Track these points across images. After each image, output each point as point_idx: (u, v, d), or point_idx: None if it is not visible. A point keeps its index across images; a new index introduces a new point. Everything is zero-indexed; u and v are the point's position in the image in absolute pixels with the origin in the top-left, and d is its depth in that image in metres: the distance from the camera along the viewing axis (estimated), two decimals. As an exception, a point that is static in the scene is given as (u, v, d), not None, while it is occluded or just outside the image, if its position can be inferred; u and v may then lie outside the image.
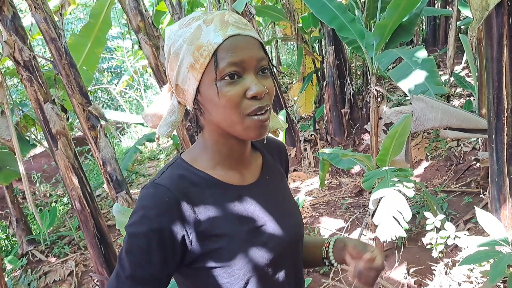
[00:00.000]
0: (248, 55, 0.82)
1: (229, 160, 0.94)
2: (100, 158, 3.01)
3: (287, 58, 12.43)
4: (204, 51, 0.81)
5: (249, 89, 0.82)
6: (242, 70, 0.82)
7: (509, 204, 2.44)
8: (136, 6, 3.66)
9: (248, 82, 0.82)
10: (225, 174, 0.93)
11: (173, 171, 0.91)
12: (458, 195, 3.92)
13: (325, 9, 4.31)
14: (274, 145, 1.12)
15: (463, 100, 5.53)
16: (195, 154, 0.94)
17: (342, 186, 4.93)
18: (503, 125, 2.35)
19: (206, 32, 0.82)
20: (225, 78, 0.81)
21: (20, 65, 2.69)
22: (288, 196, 1.07)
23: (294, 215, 1.03)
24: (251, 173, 0.98)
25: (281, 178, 1.08)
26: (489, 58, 2.34)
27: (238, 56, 0.81)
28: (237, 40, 0.81)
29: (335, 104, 5.88)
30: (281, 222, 0.96)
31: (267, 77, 0.86)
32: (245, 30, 0.83)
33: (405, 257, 3.19)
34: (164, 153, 8.04)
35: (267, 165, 1.03)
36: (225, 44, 0.81)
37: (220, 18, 0.82)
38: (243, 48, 0.81)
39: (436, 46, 8.23)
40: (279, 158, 1.11)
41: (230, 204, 0.90)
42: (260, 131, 0.85)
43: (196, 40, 0.82)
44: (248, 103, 0.83)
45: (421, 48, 3.73)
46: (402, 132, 2.82)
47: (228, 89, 0.81)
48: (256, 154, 1.03)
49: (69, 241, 4.98)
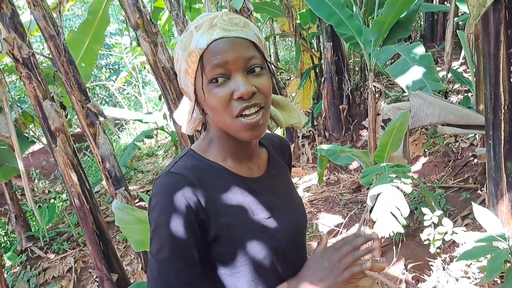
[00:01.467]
0: (232, 56, 0.82)
1: (236, 153, 0.96)
2: (99, 155, 3.01)
3: (285, 54, 12.43)
4: (193, 57, 0.84)
5: (235, 90, 0.83)
6: (228, 72, 0.83)
7: (506, 199, 2.46)
8: (134, 3, 3.65)
9: (235, 84, 0.83)
10: (234, 166, 0.96)
11: (186, 160, 0.93)
12: (456, 191, 3.93)
13: (323, 6, 4.31)
14: (277, 140, 1.14)
15: (461, 96, 5.54)
16: (205, 146, 0.96)
17: (340, 182, 4.95)
18: (500, 121, 2.36)
19: (195, 38, 0.84)
20: (212, 81, 0.84)
21: (19, 62, 2.69)
22: (292, 190, 1.10)
23: (298, 207, 1.06)
24: (258, 167, 1.01)
25: (285, 172, 1.11)
26: (486, 55, 2.34)
27: (221, 59, 0.82)
28: (220, 43, 0.82)
29: (333, 100, 5.89)
30: (288, 214, 0.99)
31: (259, 75, 0.86)
32: (232, 32, 0.83)
33: (403, 253, 3.21)
34: (162, 150, 8.04)
35: (272, 159, 1.06)
36: (209, 48, 0.83)
37: (209, 22, 0.84)
38: (226, 50, 0.82)
39: (434, 41, 8.23)
40: (282, 154, 1.13)
41: (243, 194, 0.93)
42: (251, 132, 0.86)
43: (188, 46, 0.85)
44: (236, 104, 0.84)
45: (418, 45, 3.74)
46: (399, 128, 2.84)
47: (216, 92, 0.84)
48: (262, 149, 1.06)
49: (68, 237, 4.99)
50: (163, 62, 3.87)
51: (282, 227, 0.95)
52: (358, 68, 7.25)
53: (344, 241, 0.92)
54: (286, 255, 0.95)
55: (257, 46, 0.86)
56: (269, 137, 1.13)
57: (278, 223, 0.95)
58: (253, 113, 0.85)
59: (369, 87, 3.92)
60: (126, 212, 1.96)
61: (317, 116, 6.49)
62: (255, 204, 0.94)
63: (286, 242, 0.95)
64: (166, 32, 8.12)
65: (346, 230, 3.80)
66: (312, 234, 3.90)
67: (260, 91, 0.86)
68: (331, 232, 3.88)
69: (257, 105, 0.85)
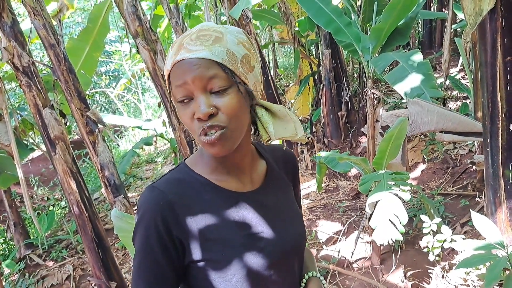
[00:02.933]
0: (191, 77, 0.82)
1: (224, 166, 0.95)
2: (98, 162, 3.02)
3: (284, 61, 12.46)
4: (165, 76, 0.89)
5: (196, 111, 0.84)
6: (189, 92, 0.84)
7: (504, 207, 2.46)
8: (134, 11, 3.67)
9: (195, 104, 0.84)
10: (223, 179, 0.95)
11: (173, 175, 0.95)
12: (455, 198, 3.94)
13: (321, 13, 4.34)
14: (280, 153, 1.11)
15: (459, 103, 5.56)
16: (196, 159, 0.97)
17: (339, 189, 4.95)
18: (497, 129, 2.37)
19: (168, 58, 0.88)
20: (179, 101, 0.86)
21: (19, 70, 2.70)
22: (292, 206, 1.07)
23: (296, 224, 1.03)
24: (251, 180, 0.99)
25: (286, 187, 1.08)
26: (483, 63, 2.36)
27: (181, 80, 0.84)
28: (182, 64, 0.83)
29: (332, 106, 5.90)
30: (281, 230, 0.96)
31: (222, 96, 0.84)
32: (194, 52, 0.82)
33: (402, 260, 3.21)
34: (161, 156, 8.04)
35: (271, 173, 1.04)
36: (173, 70, 0.85)
37: (179, 42, 0.86)
38: (185, 71, 0.83)
39: (432, 48, 8.27)
40: (284, 168, 1.10)
41: (227, 209, 0.92)
42: (214, 149, 0.86)
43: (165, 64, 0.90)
44: (197, 124, 0.85)
45: (416, 52, 3.76)
46: (398, 136, 2.85)
47: (182, 111, 0.87)
48: (261, 161, 1.04)
49: (67, 245, 4.97)
50: (162, 69, 3.89)
51: (271, 243, 0.93)
52: (356, 75, 7.28)
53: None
54: (274, 272, 0.93)
55: (222, 65, 0.83)
56: (273, 148, 1.10)
57: (266, 239, 0.93)
58: (212, 133, 0.85)
59: (368, 94, 3.93)
60: (125, 221, 1.96)
61: (316, 123, 6.51)
62: (240, 219, 0.92)
63: (275, 258, 0.93)
64: (165, 40, 8.14)
65: (345, 237, 3.79)
66: (311, 241, 3.89)
67: (222, 111, 0.84)
68: (330, 240, 3.88)
69: (216, 127, 0.84)
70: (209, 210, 0.90)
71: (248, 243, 0.91)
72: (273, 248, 0.93)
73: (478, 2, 2.20)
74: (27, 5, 2.73)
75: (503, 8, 2.19)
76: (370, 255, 3.37)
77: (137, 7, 3.75)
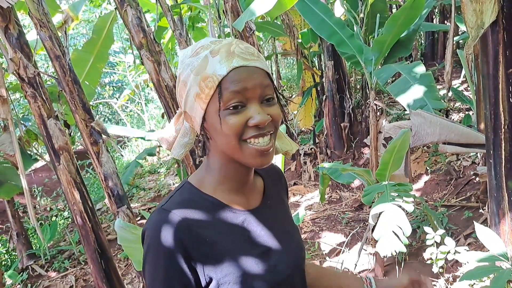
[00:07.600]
0: (251, 84, 0.83)
1: (233, 183, 0.95)
2: (102, 173, 3.03)
3: (286, 72, 12.52)
4: (210, 82, 0.84)
5: (251, 118, 0.84)
6: (246, 100, 0.84)
7: (508, 219, 2.45)
8: (138, 23, 3.70)
9: (251, 111, 0.84)
10: (231, 198, 0.94)
11: (181, 196, 0.93)
12: (458, 209, 3.92)
13: (324, 25, 4.37)
14: (274, 171, 1.13)
15: (462, 114, 5.56)
16: (202, 177, 0.96)
17: (342, 200, 4.93)
18: (500, 141, 2.37)
19: (212, 63, 0.84)
20: (229, 108, 0.83)
21: (24, 81, 2.72)
22: (290, 219, 1.09)
23: (296, 238, 1.05)
24: (254, 197, 1.00)
25: (282, 202, 1.09)
26: (485, 75, 2.37)
27: (241, 86, 0.83)
28: (241, 71, 0.83)
29: (335, 118, 5.92)
30: (286, 245, 0.97)
31: (272, 105, 0.87)
32: (251, 61, 0.85)
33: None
34: (164, 167, 8.05)
35: (268, 189, 1.05)
36: (229, 76, 0.83)
37: (226, 49, 0.84)
38: (246, 79, 0.83)
39: (435, 60, 8.30)
40: (279, 184, 1.12)
41: (238, 229, 0.92)
42: (261, 159, 0.87)
43: (202, 70, 0.85)
44: (249, 131, 0.85)
45: (419, 63, 3.78)
46: (400, 147, 2.85)
47: (231, 118, 0.83)
48: (257, 178, 1.05)
49: (69, 255, 4.97)
50: (166, 80, 3.91)
51: (282, 260, 0.94)
52: (359, 86, 7.30)
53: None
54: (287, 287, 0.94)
55: (270, 76, 0.88)
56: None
57: (277, 255, 0.94)
58: (263, 139, 0.86)
59: (370, 105, 3.94)
60: (128, 231, 1.97)
61: (319, 134, 6.51)
62: (252, 237, 0.93)
63: (286, 275, 0.94)
64: (169, 51, 8.21)
65: (348, 249, 3.78)
66: (314, 253, 3.88)
67: (273, 120, 0.87)
68: (333, 251, 3.86)
69: (268, 134, 0.86)
70: (222, 230, 0.90)
71: (262, 260, 0.91)
72: (285, 262, 0.95)
73: (480, 14, 2.22)
74: (34, 17, 2.76)
75: (504, 21, 2.20)
76: (374, 267, 3.36)
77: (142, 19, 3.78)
